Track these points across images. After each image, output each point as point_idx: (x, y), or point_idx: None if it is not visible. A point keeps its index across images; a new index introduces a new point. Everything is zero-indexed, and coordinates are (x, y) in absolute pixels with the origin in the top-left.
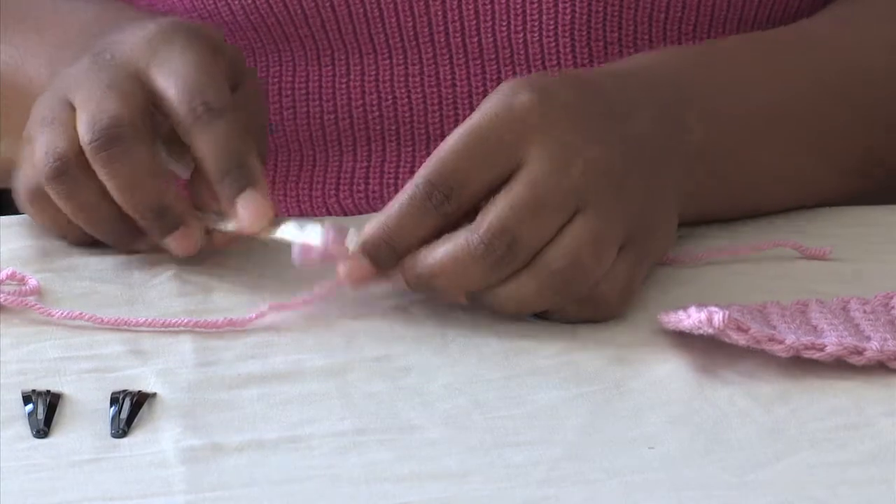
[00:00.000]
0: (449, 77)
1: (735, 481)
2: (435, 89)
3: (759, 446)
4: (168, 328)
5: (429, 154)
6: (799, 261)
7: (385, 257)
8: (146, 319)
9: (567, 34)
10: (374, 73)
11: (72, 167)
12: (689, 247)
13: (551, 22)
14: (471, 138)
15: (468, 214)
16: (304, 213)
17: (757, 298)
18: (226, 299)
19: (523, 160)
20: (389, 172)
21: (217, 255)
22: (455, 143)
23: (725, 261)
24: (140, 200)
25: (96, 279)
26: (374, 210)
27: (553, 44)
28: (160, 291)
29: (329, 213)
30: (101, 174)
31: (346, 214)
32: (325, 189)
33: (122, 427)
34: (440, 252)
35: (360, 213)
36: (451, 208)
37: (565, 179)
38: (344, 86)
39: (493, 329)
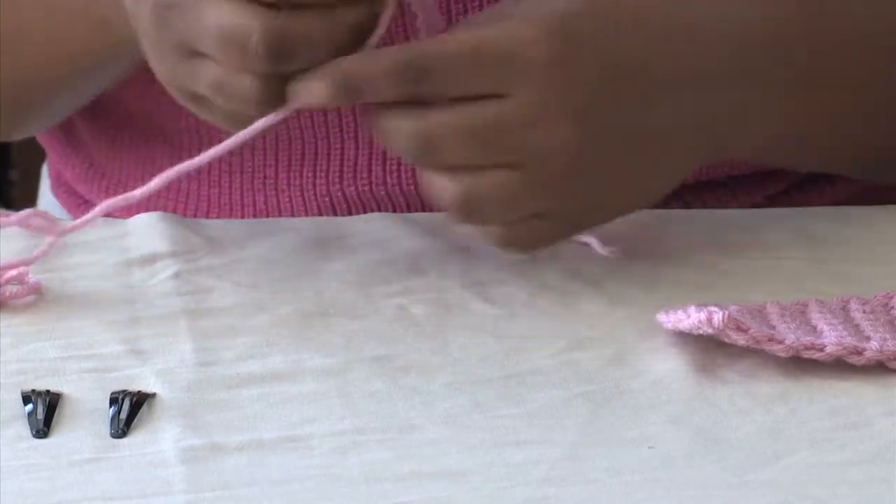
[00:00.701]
0: None
1: (735, 481)
2: None
3: (759, 446)
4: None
5: None
6: (799, 261)
7: (336, 91)
8: None
9: None
10: None
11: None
12: None
13: None
14: (477, 54)
15: None
16: (307, 202)
17: (756, 298)
18: (226, 299)
19: (508, 94)
20: (392, 159)
21: (217, 255)
22: (459, 48)
23: (723, 259)
24: None
25: (96, 279)
26: (378, 198)
27: None
28: (161, 291)
29: (333, 202)
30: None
31: (349, 203)
32: (328, 177)
33: (122, 427)
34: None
35: (364, 201)
36: (418, 90)
37: (529, 138)
38: None
39: (493, 329)
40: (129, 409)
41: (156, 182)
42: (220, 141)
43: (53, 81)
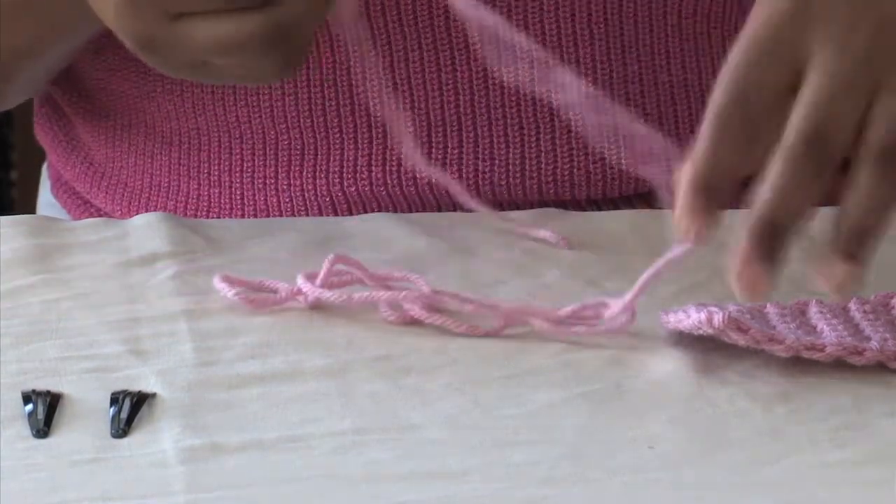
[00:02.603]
0: (449, 62)
1: (735, 481)
2: (436, 74)
3: (759, 446)
4: None
5: (430, 140)
6: (798, 261)
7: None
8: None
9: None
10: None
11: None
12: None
13: (552, 1)
14: (752, 47)
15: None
16: (308, 202)
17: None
18: (226, 299)
19: (809, 53)
20: (392, 160)
21: (217, 255)
22: (738, 54)
23: (723, 259)
24: None
25: (96, 279)
26: (378, 198)
27: (554, 22)
28: (160, 291)
29: (334, 202)
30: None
31: (350, 202)
32: (328, 178)
33: (122, 427)
34: (768, 181)
35: (365, 201)
36: (761, 123)
37: (858, 54)
38: (344, 73)
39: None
40: (130, 409)
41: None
42: (220, 142)
43: (22, 51)
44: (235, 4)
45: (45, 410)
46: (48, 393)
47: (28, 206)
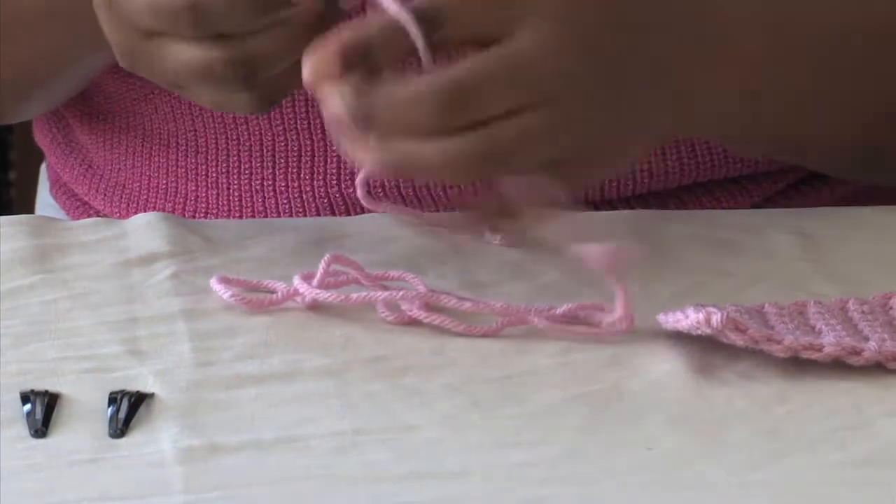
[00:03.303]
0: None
1: (734, 482)
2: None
3: (757, 447)
4: None
5: None
6: (798, 261)
7: (351, 60)
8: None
9: None
10: None
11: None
12: None
13: None
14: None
15: None
16: (305, 204)
17: (755, 299)
18: (225, 299)
19: (513, 32)
20: None
21: (215, 256)
22: None
23: (722, 259)
24: None
25: (95, 279)
26: (377, 199)
27: None
28: (159, 291)
29: (332, 204)
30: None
31: (347, 204)
32: (326, 179)
33: (120, 427)
34: (390, 87)
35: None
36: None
37: (542, 70)
38: None
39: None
40: (128, 410)
41: None
42: (217, 144)
43: (52, 66)
44: (201, 32)
45: (44, 410)
46: (46, 393)
47: (26, 207)
